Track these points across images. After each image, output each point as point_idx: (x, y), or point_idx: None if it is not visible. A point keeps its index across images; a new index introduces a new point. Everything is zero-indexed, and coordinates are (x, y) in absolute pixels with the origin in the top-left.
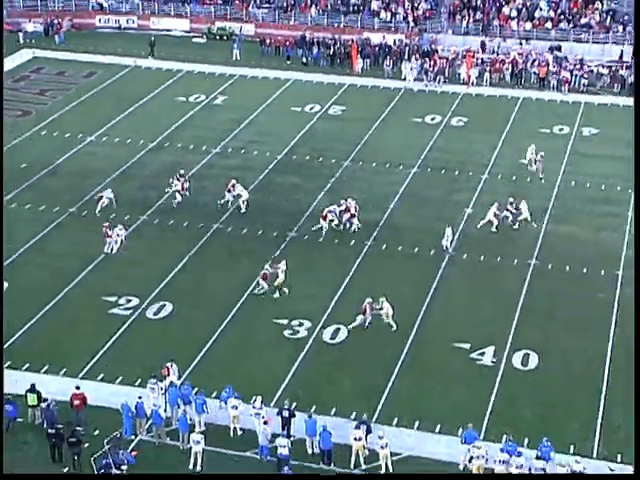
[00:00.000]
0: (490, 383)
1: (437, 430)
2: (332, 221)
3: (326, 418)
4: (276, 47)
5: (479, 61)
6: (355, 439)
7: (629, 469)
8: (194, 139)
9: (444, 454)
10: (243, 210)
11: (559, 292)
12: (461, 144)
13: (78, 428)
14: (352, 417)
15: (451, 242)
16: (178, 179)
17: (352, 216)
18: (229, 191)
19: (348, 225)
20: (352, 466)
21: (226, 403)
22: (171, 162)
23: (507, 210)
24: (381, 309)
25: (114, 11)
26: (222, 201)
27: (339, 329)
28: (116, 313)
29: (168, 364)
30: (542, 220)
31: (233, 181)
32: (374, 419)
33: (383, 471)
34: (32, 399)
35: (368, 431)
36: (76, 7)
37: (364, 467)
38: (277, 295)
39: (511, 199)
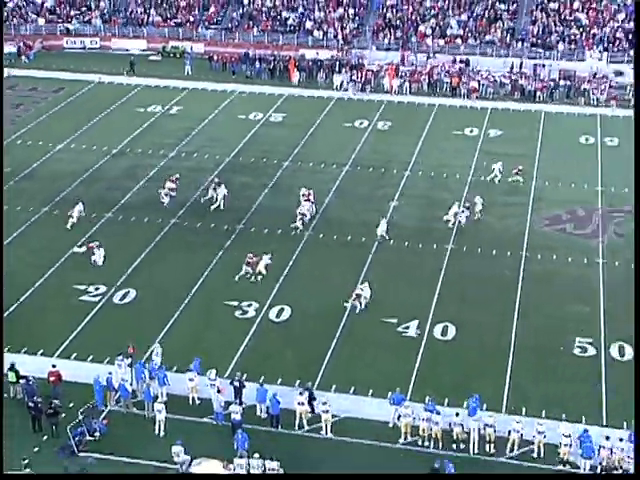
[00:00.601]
0: (414, 352)
1: (370, 394)
2: (304, 217)
3: (273, 386)
4: (223, 63)
5: (400, 73)
6: (299, 404)
7: (533, 420)
8: (152, 145)
9: (376, 415)
10: (222, 207)
11: (473, 272)
12: (386, 145)
13: (55, 401)
14: (296, 385)
15: (386, 231)
16: (172, 181)
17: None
18: (214, 189)
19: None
20: (297, 428)
21: (199, 373)
22: (132, 166)
23: (466, 208)
24: (362, 291)
25: (79, 33)
26: (206, 198)
27: (283, 309)
28: (86, 300)
29: (155, 346)
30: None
31: (216, 179)
32: (315, 386)
33: (323, 432)
34: (11, 376)
35: (312, 397)
36: (46, 31)
37: (307, 428)
38: (254, 280)
39: (467, 204)
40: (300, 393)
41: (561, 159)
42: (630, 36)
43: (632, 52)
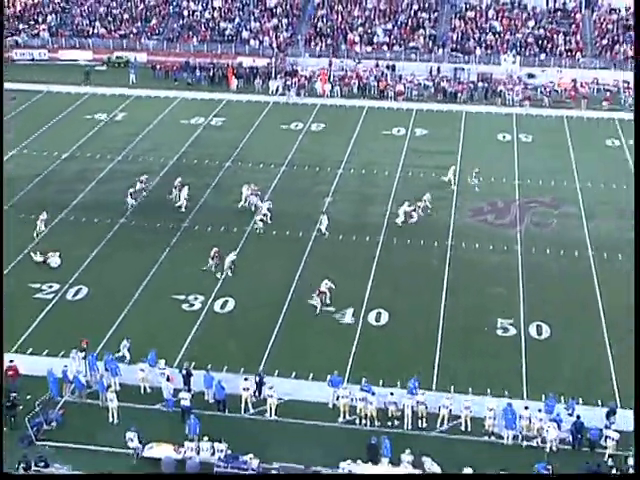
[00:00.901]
0: (351, 338)
1: (310, 378)
2: (264, 217)
3: (220, 374)
4: (165, 71)
5: (331, 77)
6: (244, 389)
7: (461, 397)
8: (100, 150)
9: (316, 396)
10: (183, 208)
11: (403, 262)
12: (320, 146)
13: (13, 394)
14: (241, 372)
15: (326, 227)
16: (142, 182)
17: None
18: (179, 190)
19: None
20: (242, 411)
21: (153, 364)
22: (82, 169)
23: (418, 207)
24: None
25: (28, 46)
26: (170, 197)
27: (227, 301)
28: (41, 297)
29: (125, 341)
30: (387, 204)
31: (179, 180)
32: (259, 372)
33: (268, 414)
34: None
35: (262, 382)
36: None
37: (252, 411)
38: (219, 276)
39: (421, 203)
40: (245, 379)
41: (481, 155)
42: (540, 41)
43: (542, 56)
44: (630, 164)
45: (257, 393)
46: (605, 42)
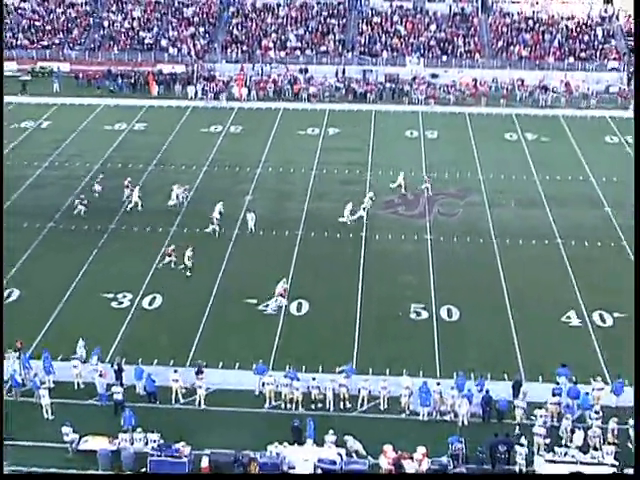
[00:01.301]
0: (274, 327)
1: (236, 367)
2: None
3: (150, 367)
4: (88, 80)
5: (247, 82)
6: (173, 381)
7: (378, 378)
8: (27, 157)
9: (243, 385)
10: (139, 208)
11: (321, 253)
12: (239, 147)
13: None
14: (170, 364)
15: (255, 224)
16: (99, 183)
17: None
18: (131, 191)
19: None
20: (173, 402)
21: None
22: (9, 177)
23: (362, 208)
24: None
25: None
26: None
27: (155, 297)
28: None
29: (81, 341)
30: (304, 200)
31: (128, 180)
32: (187, 364)
33: (197, 403)
34: None
35: (199, 372)
36: None
37: (182, 402)
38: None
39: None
40: (175, 371)
41: (391, 151)
42: (442, 44)
43: (444, 58)
44: (527, 155)
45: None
46: (500, 44)
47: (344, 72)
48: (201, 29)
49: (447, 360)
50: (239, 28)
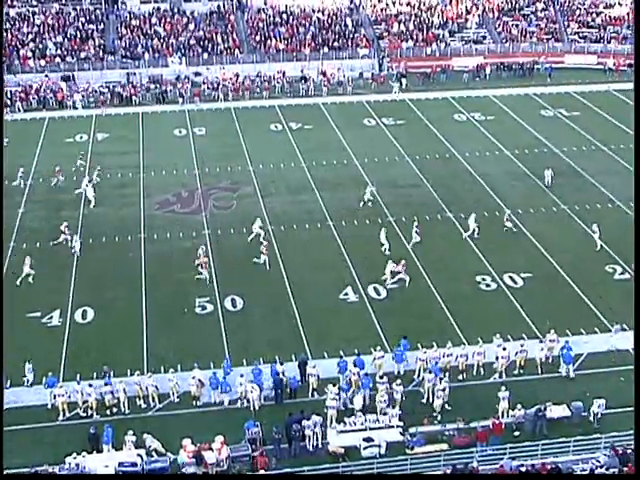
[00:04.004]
0: (61, 338)
1: (26, 384)
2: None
3: None
4: None
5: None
6: None
7: (167, 375)
8: None
9: (33, 401)
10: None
11: (102, 258)
12: (5, 158)
13: None
14: None
15: (77, 242)
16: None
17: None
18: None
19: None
20: None
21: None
22: None
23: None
24: None
25: None
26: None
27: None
28: None
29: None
30: (79, 207)
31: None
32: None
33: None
34: None
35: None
36: None
37: None
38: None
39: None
40: None
41: (162, 151)
42: (202, 42)
43: (205, 55)
44: (293, 144)
45: None
46: (258, 38)
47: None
48: None
49: (237, 348)
50: None
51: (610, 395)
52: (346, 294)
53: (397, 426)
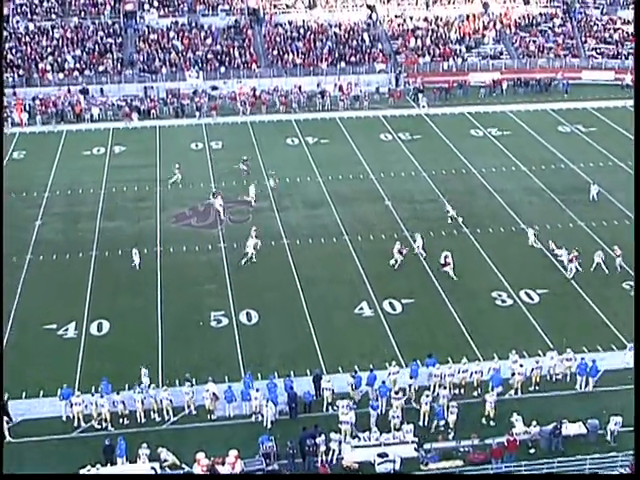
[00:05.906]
0: (77, 350)
1: (41, 395)
2: None
3: None
4: None
5: (28, 106)
6: None
7: (182, 388)
8: None
9: (50, 412)
10: None
11: (117, 271)
12: (24, 172)
13: None
14: None
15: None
16: None
17: None
18: None
19: None
20: None
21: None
22: None
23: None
24: None
25: None
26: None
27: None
28: None
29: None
30: (96, 220)
31: None
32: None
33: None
34: None
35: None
36: None
37: None
38: None
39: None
40: None
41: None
42: (219, 56)
43: (222, 69)
44: (310, 158)
45: None
46: (275, 53)
47: (101, 91)
48: None
49: (251, 362)
50: (13, 52)
51: (626, 413)
52: (361, 309)
53: (412, 442)
